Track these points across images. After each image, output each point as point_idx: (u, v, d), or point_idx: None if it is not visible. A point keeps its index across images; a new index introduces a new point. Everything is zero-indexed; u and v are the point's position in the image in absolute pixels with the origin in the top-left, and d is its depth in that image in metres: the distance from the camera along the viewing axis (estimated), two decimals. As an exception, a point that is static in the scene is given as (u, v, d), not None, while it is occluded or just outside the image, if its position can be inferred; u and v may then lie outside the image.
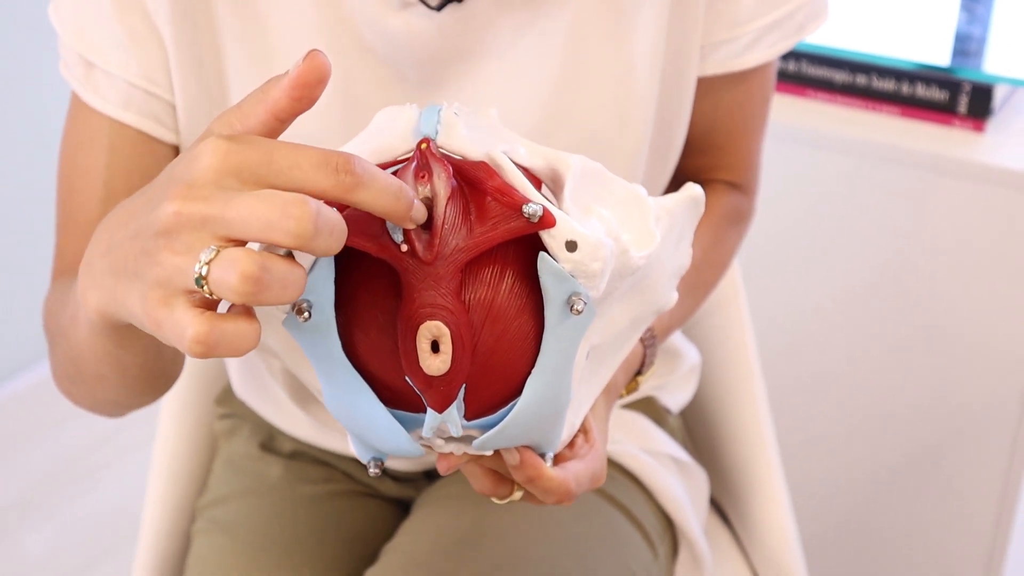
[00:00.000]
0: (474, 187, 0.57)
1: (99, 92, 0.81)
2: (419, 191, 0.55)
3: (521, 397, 0.58)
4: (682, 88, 0.85)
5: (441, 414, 0.57)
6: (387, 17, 0.77)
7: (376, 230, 0.56)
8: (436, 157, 0.56)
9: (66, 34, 0.81)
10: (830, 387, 1.52)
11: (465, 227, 0.56)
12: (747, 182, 0.95)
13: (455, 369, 0.55)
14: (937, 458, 1.49)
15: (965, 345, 1.42)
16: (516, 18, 0.79)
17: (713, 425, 1.12)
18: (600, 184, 0.62)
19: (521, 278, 0.57)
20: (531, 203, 0.56)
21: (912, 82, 1.42)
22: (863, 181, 1.42)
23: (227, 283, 0.47)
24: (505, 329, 0.57)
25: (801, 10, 0.85)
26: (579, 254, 0.56)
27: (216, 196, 0.48)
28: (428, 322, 0.55)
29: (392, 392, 0.58)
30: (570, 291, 0.56)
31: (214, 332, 0.48)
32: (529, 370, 0.58)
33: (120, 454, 2.03)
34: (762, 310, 1.43)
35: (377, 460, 0.62)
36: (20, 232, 2.05)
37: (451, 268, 0.55)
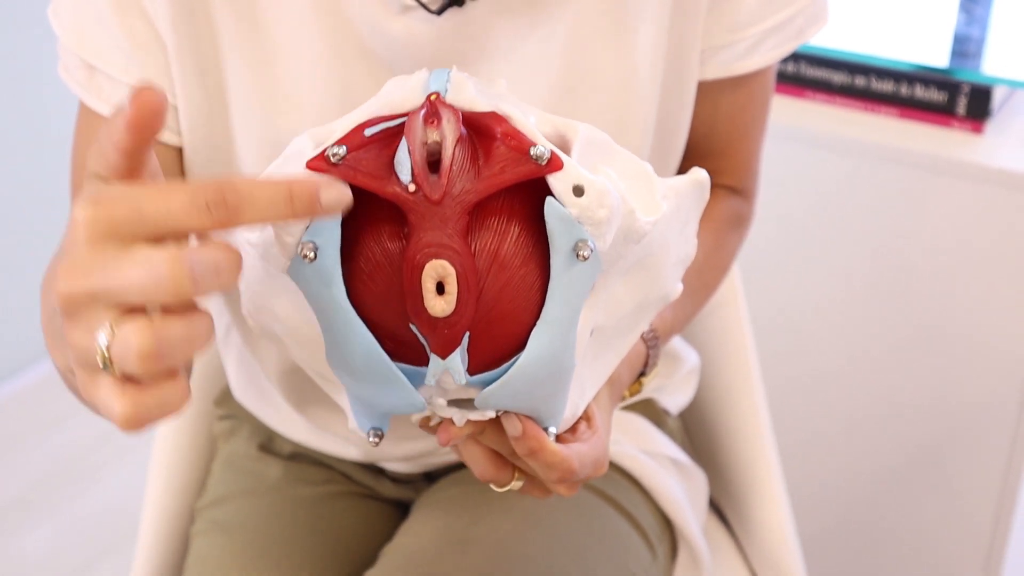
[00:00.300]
0: (483, 134, 0.57)
1: (102, 96, 0.81)
2: (429, 135, 0.56)
3: (525, 350, 0.58)
4: (683, 92, 0.85)
5: (444, 361, 0.57)
6: (387, 21, 0.77)
7: (383, 171, 0.56)
8: (445, 104, 0.57)
9: (66, 37, 0.81)
10: (829, 387, 1.53)
11: (473, 170, 0.56)
12: (747, 186, 0.95)
13: (459, 311, 0.55)
14: (936, 458, 1.49)
15: (964, 345, 1.42)
16: (516, 23, 0.79)
17: (712, 426, 1.12)
18: (607, 153, 0.62)
19: (528, 229, 0.57)
20: (539, 145, 0.56)
21: (911, 83, 1.42)
22: (862, 182, 1.42)
23: (130, 363, 0.47)
24: (510, 278, 0.57)
25: (801, 14, 0.86)
26: (586, 199, 0.56)
27: (96, 269, 0.47)
28: (433, 261, 0.55)
29: (395, 343, 0.58)
30: (576, 238, 0.56)
31: (139, 408, 0.48)
32: (534, 323, 0.58)
33: (119, 454, 2.03)
34: (761, 310, 1.44)
35: (377, 430, 0.62)
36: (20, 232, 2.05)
37: (458, 209, 0.55)
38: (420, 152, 0.56)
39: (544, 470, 0.65)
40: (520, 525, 0.88)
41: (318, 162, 0.56)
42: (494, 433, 0.65)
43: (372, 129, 0.58)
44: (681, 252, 0.66)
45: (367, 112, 0.59)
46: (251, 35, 0.79)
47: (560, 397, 0.62)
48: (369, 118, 0.59)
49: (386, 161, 0.56)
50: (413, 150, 0.56)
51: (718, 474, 1.12)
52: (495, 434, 0.65)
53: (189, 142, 0.82)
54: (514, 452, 0.66)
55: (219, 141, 0.82)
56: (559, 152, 0.57)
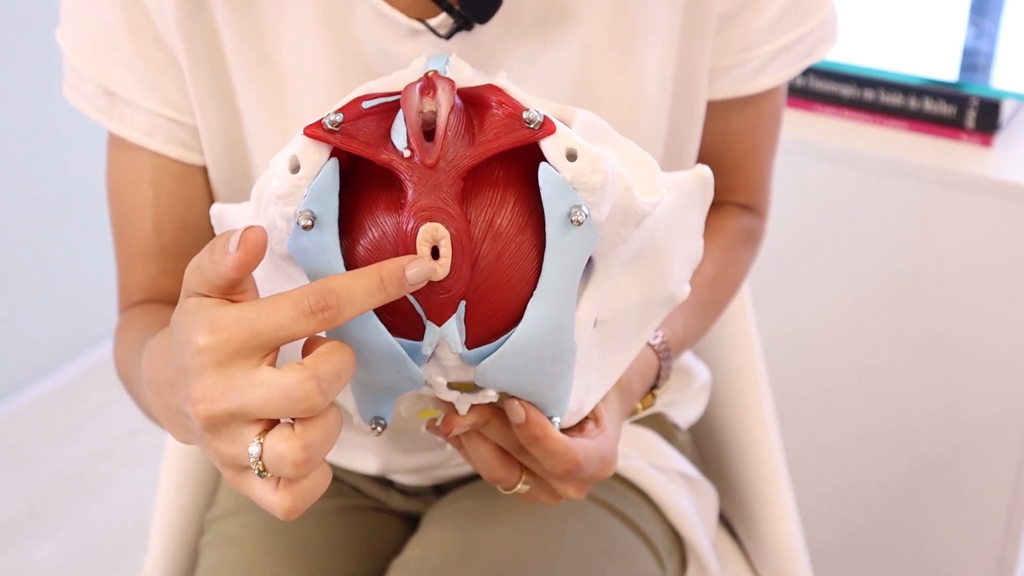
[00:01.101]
0: (478, 105, 0.58)
1: (124, 121, 0.82)
2: (424, 105, 0.56)
3: (522, 320, 0.58)
4: (692, 112, 0.86)
5: (440, 327, 0.57)
6: (396, 45, 0.78)
7: (379, 140, 0.57)
8: (441, 76, 0.57)
9: (81, 62, 0.81)
10: (838, 400, 1.52)
11: (468, 136, 0.57)
12: (759, 204, 0.95)
13: (454, 276, 0.56)
14: (945, 471, 1.48)
15: (973, 357, 1.42)
16: (525, 47, 0.79)
17: (721, 440, 1.12)
18: (607, 139, 0.63)
19: (523, 200, 0.58)
20: (531, 110, 0.57)
21: (920, 97, 1.42)
22: (871, 195, 1.42)
23: (285, 471, 0.53)
24: (506, 247, 0.57)
25: (811, 34, 0.86)
26: (579, 163, 0.56)
27: (229, 392, 0.53)
28: (428, 224, 0.55)
29: (393, 316, 0.58)
30: (571, 203, 0.57)
31: (296, 500, 0.55)
32: (530, 295, 0.58)
33: (127, 466, 2.03)
34: (770, 322, 1.43)
35: (379, 419, 0.62)
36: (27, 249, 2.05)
37: (453, 174, 0.56)
38: (416, 119, 0.56)
39: (548, 460, 0.65)
40: (530, 539, 0.88)
41: (315, 129, 0.56)
42: (499, 426, 0.65)
43: (370, 103, 0.58)
44: (686, 250, 0.66)
45: (366, 89, 0.60)
46: (259, 58, 0.79)
47: (562, 383, 0.62)
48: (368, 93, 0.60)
49: (383, 132, 0.57)
50: (409, 117, 0.56)
51: (728, 488, 1.12)
52: (500, 427, 0.65)
53: (211, 161, 0.83)
54: (520, 447, 0.66)
55: (237, 159, 0.83)
56: (552, 117, 0.57)
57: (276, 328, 0.53)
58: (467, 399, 0.63)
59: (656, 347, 0.81)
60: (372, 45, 0.78)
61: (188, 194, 0.84)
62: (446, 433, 0.64)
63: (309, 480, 0.55)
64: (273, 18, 0.78)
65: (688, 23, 0.81)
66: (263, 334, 0.53)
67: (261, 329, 0.53)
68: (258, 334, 0.53)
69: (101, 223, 2.13)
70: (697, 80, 0.84)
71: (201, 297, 0.56)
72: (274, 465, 0.53)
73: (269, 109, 0.80)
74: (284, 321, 0.53)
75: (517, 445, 0.66)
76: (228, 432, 0.54)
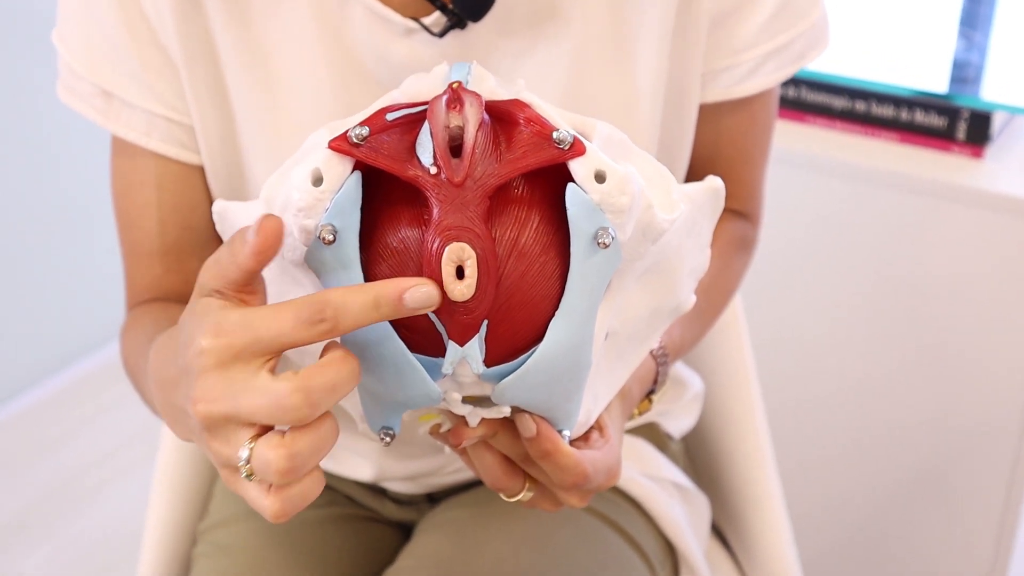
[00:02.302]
0: (505, 121, 0.57)
1: (120, 121, 0.82)
2: (451, 120, 0.56)
3: (543, 340, 0.57)
4: (684, 115, 0.86)
5: (462, 348, 0.56)
6: (390, 44, 0.78)
7: (404, 154, 0.56)
8: (468, 90, 0.57)
9: (78, 64, 0.82)
10: (830, 410, 1.53)
11: (495, 154, 0.56)
12: (751, 210, 0.96)
13: (479, 296, 0.55)
14: (938, 480, 1.49)
15: (965, 367, 1.42)
16: (518, 45, 0.79)
17: (714, 450, 1.12)
18: (625, 152, 0.62)
19: (549, 219, 0.57)
20: (561, 130, 0.56)
21: (911, 108, 1.42)
22: (862, 206, 1.43)
23: (270, 477, 0.54)
24: (530, 266, 0.56)
25: (802, 37, 0.86)
26: (607, 185, 0.56)
27: (228, 395, 0.54)
28: (454, 244, 0.54)
29: (412, 332, 0.57)
30: (597, 225, 0.56)
31: (285, 505, 0.56)
32: (552, 314, 0.57)
33: (117, 475, 2.03)
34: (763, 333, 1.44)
35: (388, 430, 0.61)
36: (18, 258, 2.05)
37: (479, 193, 0.55)
38: (442, 135, 0.55)
39: (557, 473, 0.65)
40: (523, 548, 0.88)
41: (340, 142, 0.56)
42: (507, 437, 0.65)
43: (394, 114, 0.58)
44: (695, 262, 0.66)
45: (389, 100, 0.59)
46: (253, 59, 0.80)
47: (575, 398, 0.62)
48: (391, 104, 0.59)
49: (408, 145, 0.56)
50: (436, 133, 0.55)
51: (720, 498, 1.12)
52: (508, 438, 0.65)
53: (208, 161, 0.83)
54: (526, 458, 0.66)
55: (233, 159, 0.83)
56: (581, 138, 0.57)
57: (276, 335, 0.54)
58: (479, 413, 0.62)
59: (655, 353, 0.81)
60: (366, 44, 0.78)
61: (191, 195, 0.85)
62: (455, 445, 0.64)
63: (299, 486, 0.55)
64: (267, 19, 0.79)
65: (680, 25, 0.82)
66: (264, 340, 0.54)
67: (262, 336, 0.54)
68: (259, 340, 0.54)
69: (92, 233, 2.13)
70: (689, 83, 0.85)
71: (211, 298, 0.56)
72: (260, 471, 0.54)
73: (263, 109, 0.80)
74: (284, 329, 0.54)
75: (524, 455, 0.66)
76: (223, 433, 0.55)
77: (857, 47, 1.54)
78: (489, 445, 0.66)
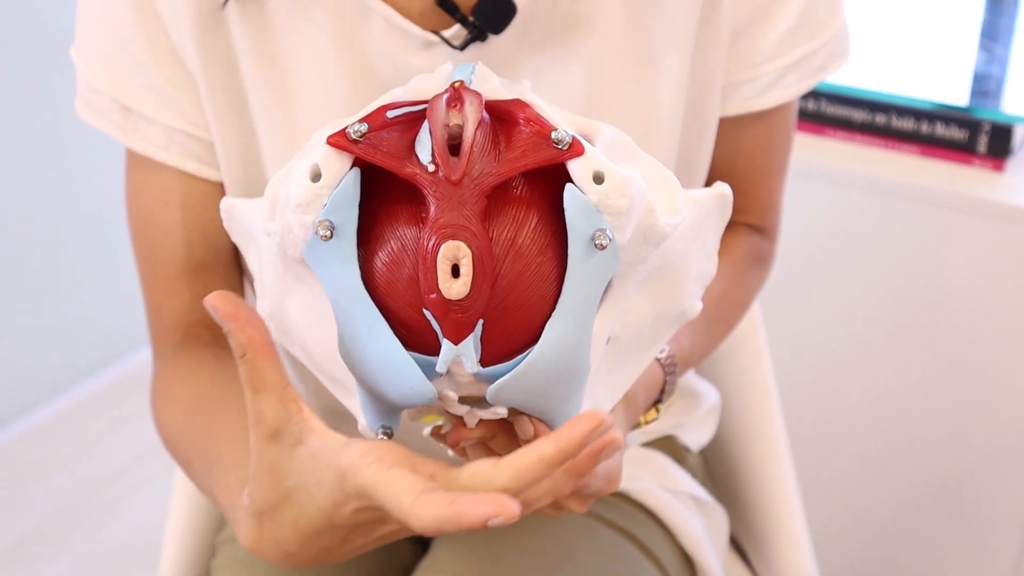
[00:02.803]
0: (505, 121, 0.57)
1: (137, 135, 0.82)
2: (450, 118, 0.56)
3: (539, 341, 0.57)
4: (704, 129, 0.86)
5: (457, 346, 0.56)
6: (409, 57, 0.78)
7: (403, 151, 0.56)
8: (468, 89, 0.57)
9: (96, 79, 0.82)
10: (850, 424, 1.52)
11: (494, 153, 0.56)
12: (768, 225, 0.95)
13: (474, 294, 0.55)
14: (958, 496, 1.48)
15: (985, 381, 1.42)
16: (538, 57, 0.79)
17: (733, 463, 1.12)
18: (630, 155, 0.62)
19: (546, 220, 0.57)
20: (560, 130, 0.56)
21: (931, 121, 1.42)
22: (882, 220, 1.42)
23: None
24: (527, 266, 0.56)
25: (823, 50, 0.86)
26: (606, 186, 0.56)
27: None
28: (449, 242, 0.54)
29: (408, 330, 0.57)
30: (595, 226, 0.56)
31: None
32: (548, 315, 0.57)
33: (136, 488, 2.03)
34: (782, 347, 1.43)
35: (386, 428, 0.61)
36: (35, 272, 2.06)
37: (477, 191, 0.55)
38: (441, 133, 0.55)
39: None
40: (541, 561, 0.88)
41: (338, 138, 0.56)
42: (505, 439, 0.65)
43: (394, 112, 0.58)
44: (701, 268, 0.66)
45: (390, 97, 0.60)
46: (273, 73, 0.80)
47: (573, 401, 0.62)
48: (392, 101, 0.59)
49: (407, 143, 0.56)
50: (434, 130, 0.55)
51: (739, 511, 1.12)
52: (506, 440, 0.65)
53: (227, 176, 0.83)
54: None
55: (252, 173, 0.83)
56: (580, 138, 0.57)
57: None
58: (477, 413, 0.62)
59: (663, 361, 0.81)
60: (385, 57, 0.78)
61: (214, 214, 0.84)
62: (453, 445, 0.64)
63: None
64: (286, 32, 0.79)
65: (702, 38, 0.82)
66: None
67: None
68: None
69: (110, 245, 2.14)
70: (709, 96, 0.84)
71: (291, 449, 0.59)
72: None
73: (282, 123, 0.80)
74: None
75: None
76: None
77: (877, 60, 1.54)
78: (488, 447, 0.66)
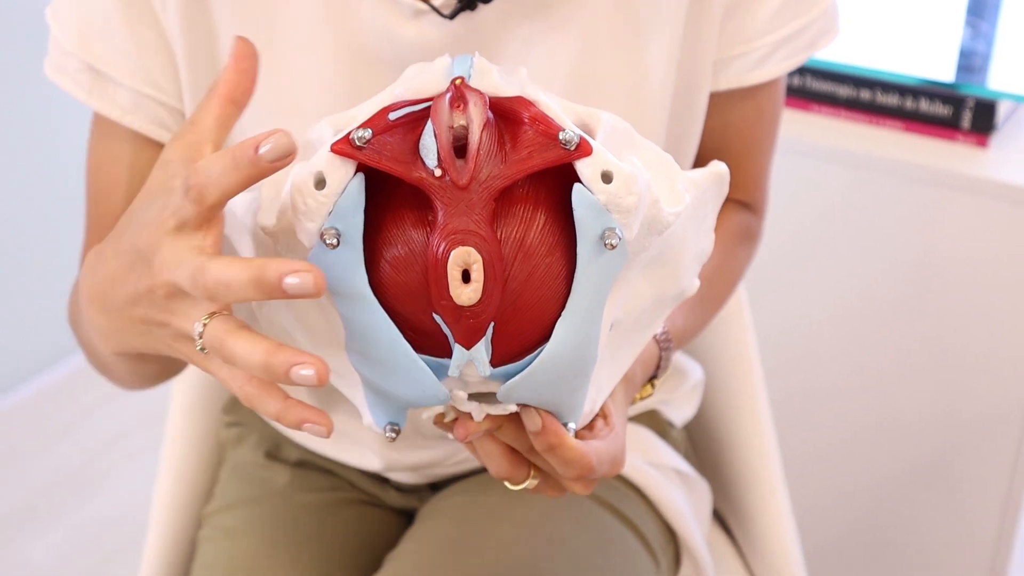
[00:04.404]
0: (509, 120, 0.56)
1: (105, 97, 0.81)
2: (455, 119, 0.55)
3: (550, 341, 0.57)
4: (694, 103, 0.86)
5: (469, 351, 0.56)
6: (399, 27, 0.78)
7: (408, 155, 0.55)
8: (471, 88, 0.56)
9: (68, 41, 0.81)
10: (833, 399, 1.53)
11: (500, 155, 0.55)
12: (756, 201, 0.96)
13: (485, 300, 0.54)
14: (940, 471, 1.49)
15: (968, 357, 1.42)
16: (529, 27, 0.79)
17: (716, 437, 1.12)
18: (630, 142, 0.61)
19: (554, 218, 0.56)
20: (567, 130, 0.55)
21: (916, 97, 1.42)
22: (867, 195, 1.43)
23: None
24: (536, 266, 0.56)
25: (813, 25, 0.86)
26: (614, 185, 0.55)
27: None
28: (460, 248, 0.54)
29: (417, 333, 0.57)
30: (604, 226, 0.55)
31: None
32: (558, 314, 0.57)
33: (123, 461, 2.04)
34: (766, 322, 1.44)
35: (394, 425, 0.61)
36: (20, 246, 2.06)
37: (485, 195, 0.54)
38: (446, 136, 0.55)
39: (563, 466, 0.65)
40: (523, 534, 0.89)
41: (343, 145, 0.55)
42: (512, 429, 0.65)
43: (396, 113, 0.57)
44: (698, 247, 0.66)
45: (390, 96, 0.59)
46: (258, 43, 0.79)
47: (581, 392, 0.61)
48: (393, 102, 0.58)
49: (411, 146, 0.56)
50: (439, 134, 0.55)
51: (722, 485, 1.12)
52: (513, 430, 0.65)
53: None
54: (531, 448, 0.66)
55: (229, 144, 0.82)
56: (588, 137, 0.56)
57: (218, 289, 0.55)
58: (485, 409, 0.62)
59: (658, 338, 0.81)
60: (373, 25, 0.78)
61: None
62: (460, 438, 0.64)
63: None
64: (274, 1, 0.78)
65: (693, 13, 0.81)
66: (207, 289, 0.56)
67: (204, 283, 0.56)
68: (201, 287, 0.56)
69: (100, 220, 2.14)
70: (700, 71, 0.84)
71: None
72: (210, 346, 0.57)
73: (267, 95, 0.79)
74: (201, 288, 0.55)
75: (529, 446, 0.66)
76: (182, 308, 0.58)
77: (863, 35, 1.54)
78: (494, 436, 0.66)
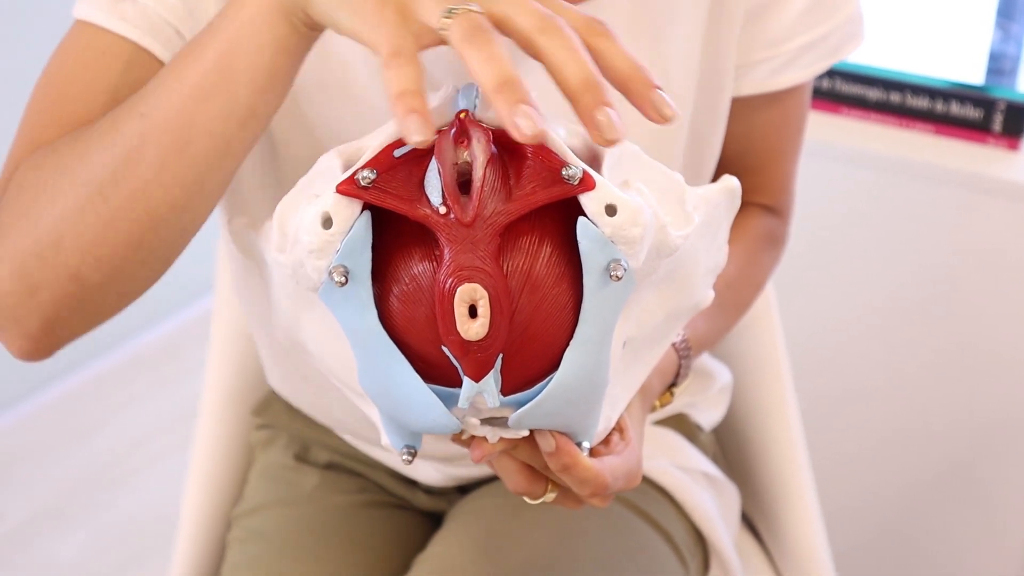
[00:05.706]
0: (513, 154, 0.57)
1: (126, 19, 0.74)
2: (459, 156, 0.56)
3: (559, 370, 0.57)
4: (716, 107, 0.86)
5: (478, 383, 0.56)
6: None
7: (413, 192, 0.56)
8: (475, 123, 0.56)
9: None
10: (862, 402, 1.52)
11: (504, 190, 0.56)
12: (781, 205, 0.95)
13: (493, 334, 0.55)
14: (970, 474, 1.48)
15: (998, 361, 1.42)
16: None
17: (745, 441, 1.12)
18: (638, 165, 0.62)
19: (560, 249, 0.57)
20: (571, 166, 0.56)
21: (946, 100, 1.42)
22: (897, 198, 1.42)
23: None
24: (543, 298, 0.56)
25: (838, 31, 0.86)
26: (619, 218, 0.56)
27: None
28: (466, 285, 0.54)
29: (427, 364, 0.58)
30: (610, 258, 0.56)
31: None
32: (567, 343, 0.57)
33: (152, 461, 2.05)
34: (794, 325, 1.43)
35: (410, 448, 0.62)
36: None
37: (490, 231, 0.55)
38: (450, 174, 0.55)
39: (577, 485, 0.65)
40: (552, 537, 0.89)
41: (347, 186, 0.56)
42: (527, 448, 0.65)
43: (401, 150, 0.57)
44: (711, 261, 0.66)
45: (396, 134, 0.59)
46: None
47: (594, 413, 0.62)
48: (399, 138, 0.58)
49: (416, 182, 0.56)
50: (443, 172, 0.55)
51: (751, 489, 1.12)
52: (528, 449, 0.65)
53: None
54: (547, 466, 0.66)
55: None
56: (591, 171, 0.56)
57: None
58: (498, 432, 0.62)
59: (677, 346, 0.81)
60: None
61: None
62: (476, 460, 0.64)
63: None
64: None
65: (714, 16, 0.81)
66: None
67: None
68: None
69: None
70: (722, 75, 0.84)
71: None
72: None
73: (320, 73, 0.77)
74: None
75: (544, 464, 0.66)
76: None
77: (892, 38, 1.53)
78: (510, 454, 0.66)
